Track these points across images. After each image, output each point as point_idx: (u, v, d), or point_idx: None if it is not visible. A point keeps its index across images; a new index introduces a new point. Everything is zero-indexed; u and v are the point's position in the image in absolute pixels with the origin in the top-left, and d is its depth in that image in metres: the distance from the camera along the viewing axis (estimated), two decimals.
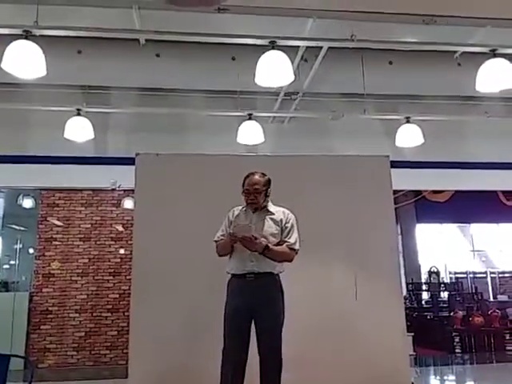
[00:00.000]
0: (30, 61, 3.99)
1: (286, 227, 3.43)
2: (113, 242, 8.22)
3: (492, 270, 13.81)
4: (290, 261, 3.43)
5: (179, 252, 3.62)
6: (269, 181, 3.55)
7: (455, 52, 5.57)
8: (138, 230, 4.40)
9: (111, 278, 8.10)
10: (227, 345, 3.31)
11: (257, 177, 3.50)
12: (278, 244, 3.40)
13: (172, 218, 4.09)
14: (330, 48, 5.11)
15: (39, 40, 4.04)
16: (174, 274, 4.09)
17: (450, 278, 13.24)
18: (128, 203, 7.68)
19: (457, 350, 9.16)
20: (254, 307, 3.31)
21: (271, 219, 3.45)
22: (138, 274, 4.26)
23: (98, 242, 8.19)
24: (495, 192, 10.57)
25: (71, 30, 4.46)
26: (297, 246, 3.41)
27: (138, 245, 4.37)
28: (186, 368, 3.74)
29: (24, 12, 4.16)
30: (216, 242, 3.53)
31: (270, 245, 3.31)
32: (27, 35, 3.96)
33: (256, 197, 3.45)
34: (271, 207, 3.52)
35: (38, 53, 3.98)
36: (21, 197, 8.58)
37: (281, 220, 3.44)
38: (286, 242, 3.40)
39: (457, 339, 9.26)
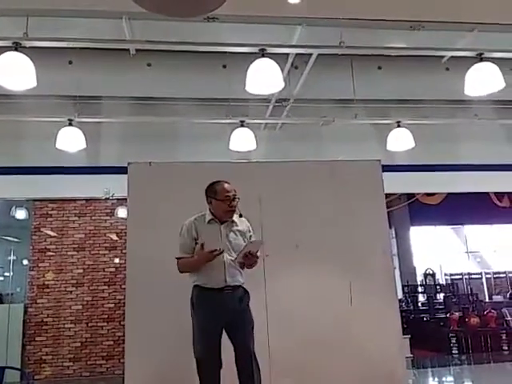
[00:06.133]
0: (20, 72, 4.00)
1: (251, 236, 3.41)
2: (107, 252, 8.17)
3: (487, 271, 13.85)
4: None
5: (173, 260, 3.62)
6: None
7: (443, 57, 5.63)
8: (132, 239, 4.39)
9: (106, 287, 8.06)
10: (205, 360, 3.25)
11: (229, 184, 3.37)
12: None
13: (165, 226, 4.08)
14: (319, 55, 5.16)
15: (29, 51, 4.05)
16: (168, 283, 4.07)
17: (446, 280, 13.26)
18: (122, 212, 7.65)
19: (454, 351, 9.15)
20: (232, 318, 3.26)
21: (238, 231, 3.38)
22: (133, 283, 4.24)
23: (92, 252, 8.14)
24: (487, 193, 10.65)
25: (61, 41, 4.48)
26: None
27: (132, 254, 4.36)
28: (182, 377, 3.72)
29: (14, 24, 4.18)
30: (179, 259, 3.37)
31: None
32: (17, 47, 3.97)
33: (237, 203, 3.32)
34: (234, 217, 3.40)
35: (29, 64, 3.99)
36: (13, 208, 8.53)
37: (246, 231, 3.41)
38: None
39: (453, 340, 9.24)
